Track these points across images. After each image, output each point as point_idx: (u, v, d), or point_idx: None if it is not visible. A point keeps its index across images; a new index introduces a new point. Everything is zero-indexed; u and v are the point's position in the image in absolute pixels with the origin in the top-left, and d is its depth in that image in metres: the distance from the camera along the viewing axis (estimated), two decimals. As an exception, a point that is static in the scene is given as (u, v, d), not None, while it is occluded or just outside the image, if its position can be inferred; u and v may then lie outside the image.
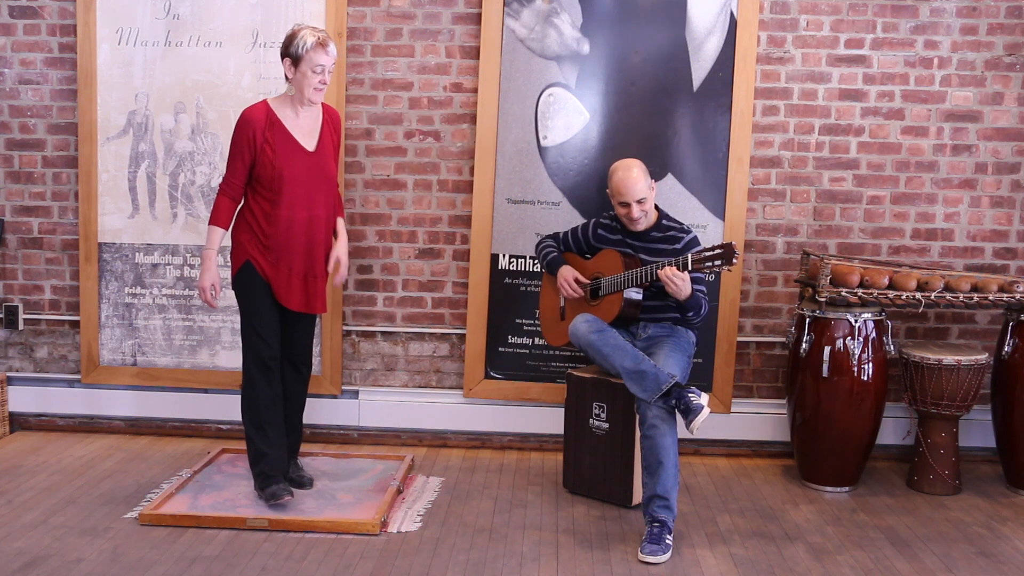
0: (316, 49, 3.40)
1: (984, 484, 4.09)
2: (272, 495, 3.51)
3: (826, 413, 3.89)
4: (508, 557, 3.21)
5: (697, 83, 4.21)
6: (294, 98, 3.52)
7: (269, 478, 3.55)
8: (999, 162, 4.28)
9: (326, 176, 3.58)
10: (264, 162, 3.47)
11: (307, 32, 3.42)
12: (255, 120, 3.47)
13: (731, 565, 3.19)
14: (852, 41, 4.22)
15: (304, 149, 3.52)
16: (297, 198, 3.50)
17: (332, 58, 3.46)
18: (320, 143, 3.57)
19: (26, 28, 4.37)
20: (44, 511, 3.51)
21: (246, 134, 3.46)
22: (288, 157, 3.48)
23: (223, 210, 3.52)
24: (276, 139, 3.48)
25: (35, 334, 4.54)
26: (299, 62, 3.42)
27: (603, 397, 3.73)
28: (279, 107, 3.53)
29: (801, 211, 4.31)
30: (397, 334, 4.45)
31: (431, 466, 4.17)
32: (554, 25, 4.21)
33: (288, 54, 3.44)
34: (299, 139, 3.52)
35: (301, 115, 3.54)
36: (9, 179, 4.46)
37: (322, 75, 3.45)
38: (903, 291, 3.88)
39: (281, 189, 3.47)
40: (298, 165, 3.50)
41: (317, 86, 3.46)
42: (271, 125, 3.48)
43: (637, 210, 3.66)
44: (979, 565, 3.24)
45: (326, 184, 3.59)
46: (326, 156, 3.58)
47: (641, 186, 3.65)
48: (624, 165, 3.71)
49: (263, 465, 3.56)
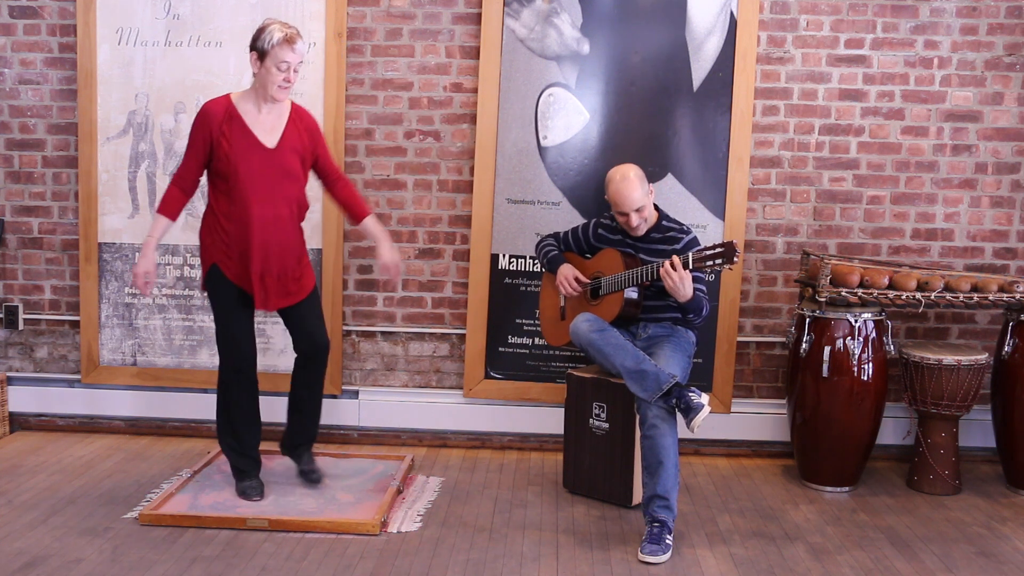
0: (282, 45, 3.32)
1: (984, 484, 4.09)
2: (242, 491, 3.61)
3: (826, 413, 3.89)
4: (508, 557, 3.21)
5: (697, 83, 4.21)
6: (258, 93, 3.44)
7: (242, 473, 3.65)
8: (999, 162, 4.28)
9: (288, 174, 3.48)
10: (219, 156, 3.41)
11: (276, 27, 3.35)
12: (213, 113, 3.41)
13: (731, 565, 3.19)
14: (852, 41, 4.22)
15: (263, 146, 3.44)
16: (256, 196, 3.42)
17: (299, 56, 3.38)
18: (283, 140, 3.47)
19: (26, 28, 4.37)
20: (44, 511, 3.51)
21: (203, 127, 3.41)
22: (244, 153, 3.41)
23: (170, 200, 3.46)
24: (233, 133, 3.40)
25: (35, 334, 4.54)
26: (264, 57, 3.35)
27: (603, 397, 3.73)
28: (241, 101, 3.46)
29: (801, 211, 4.31)
30: (397, 334, 4.45)
31: (431, 466, 4.17)
32: (554, 25, 4.21)
33: (255, 48, 3.37)
34: (258, 135, 3.44)
35: (264, 111, 3.46)
36: (9, 179, 4.46)
37: (287, 72, 3.37)
38: (903, 291, 3.88)
39: (236, 185, 3.40)
40: (254, 161, 3.42)
41: (281, 84, 3.38)
42: (230, 119, 3.41)
43: (636, 218, 3.65)
44: (979, 565, 3.24)
45: (289, 182, 3.49)
46: (288, 154, 3.47)
47: (638, 195, 3.62)
48: (620, 175, 3.67)
49: (236, 463, 3.66)
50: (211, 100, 3.48)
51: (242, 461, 3.65)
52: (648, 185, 3.69)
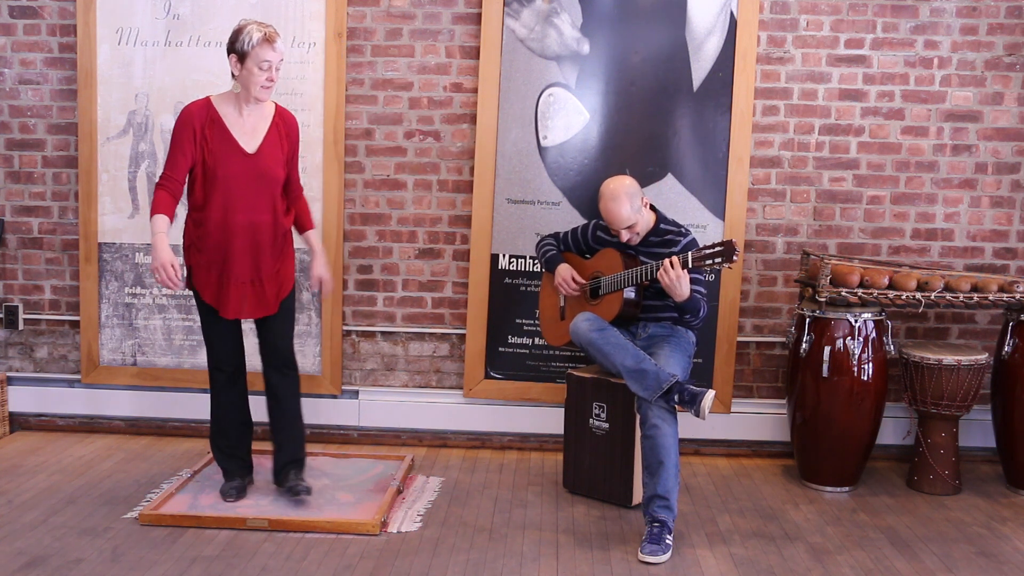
0: (262, 45, 3.29)
1: (984, 484, 4.09)
2: (223, 492, 3.63)
3: (826, 413, 3.89)
4: (508, 557, 3.21)
5: (697, 83, 4.21)
6: (240, 96, 3.41)
7: (227, 473, 3.69)
8: (999, 162, 4.28)
9: (267, 179, 3.42)
10: (197, 160, 3.38)
11: (254, 27, 3.31)
12: (193, 116, 3.38)
13: (731, 565, 3.19)
14: (852, 41, 4.22)
15: (242, 150, 3.40)
16: (234, 201, 3.38)
17: (279, 54, 3.35)
18: (264, 145, 3.43)
19: (26, 28, 4.37)
20: (44, 511, 3.51)
21: (186, 127, 3.37)
22: (223, 157, 3.37)
23: (161, 201, 3.34)
24: (213, 137, 3.37)
25: (35, 334, 4.54)
26: (245, 58, 3.31)
27: (603, 397, 3.73)
28: (222, 104, 3.42)
29: (801, 211, 4.31)
30: (397, 334, 4.45)
31: (431, 466, 4.17)
32: (554, 25, 4.21)
33: (234, 50, 3.33)
34: (238, 139, 3.40)
35: (245, 114, 3.43)
36: (9, 179, 4.46)
37: (269, 72, 3.33)
38: (903, 291, 3.88)
39: (215, 189, 3.37)
40: (234, 166, 3.38)
41: (264, 83, 3.35)
42: (210, 123, 3.38)
43: (626, 234, 3.66)
44: (979, 565, 3.24)
45: (268, 187, 3.43)
46: (268, 159, 3.43)
47: (625, 214, 3.60)
48: (609, 193, 3.63)
49: (220, 461, 3.69)
50: (192, 102, 3.44)
51: (226, 461, 3.66)
52: (641, 196, 3.67)
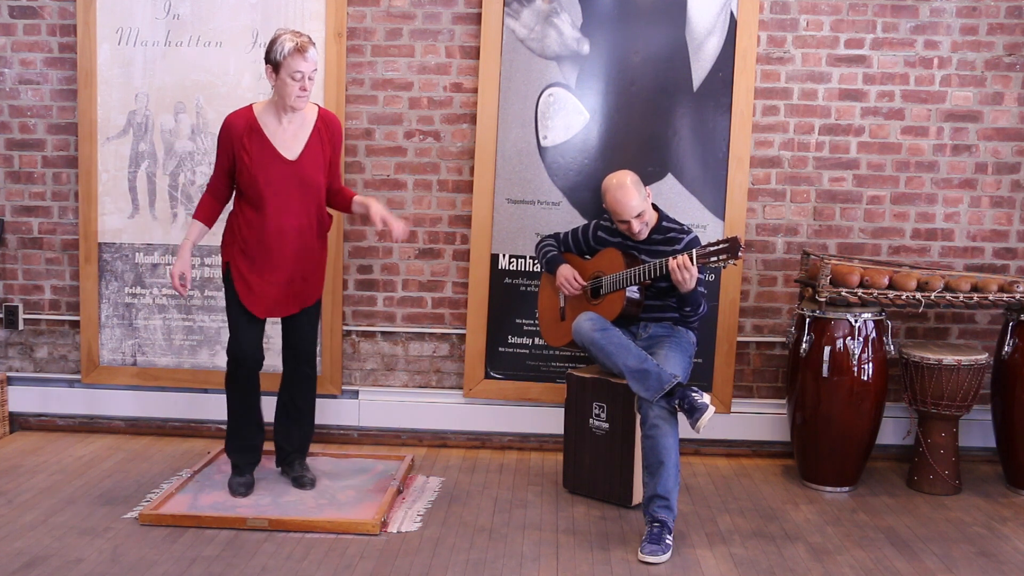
0: (294, 55, 3.34)
1: (984, 484, 4.09)
2: (230, 487, 3.67)
3: (826, 413, 3.89)
4: (508, 557, 3.21)
5: (697, 83, 4.21)
6: (278, 104, 3.48)
7: (236, 468, 3.71)
8: (999, 162, 4.28)
9: (309, 185, 3.52)
10: (240, 168, 3.47)
11: (287, 37, 3.36)
12: (235, 126, 3.47)
13: (731, 565, 3.19)
14: (852, 41, 4.22)
15: (283, 157, 3.48)
16: (277, 206, 3.48)
17: (312, 64, 3.39)
18: (305, 151, 3.51)
19: (26, 28, 4.37)
20: (44, 511, 3.51)
21: (225, 140, 3.49)
22: (264, 165, 3.45)
23: (204, 206, 3.59)
24: (253, 146, 3.45)
25: (35, 334, 4.54)
26: (279, 68, 3.37)
27: (603, 397, 3.73)
28: (263, 113, 3.50)
29: (801, 211, 4.31)
30: (397, 334, 4.45)
31: (431, 466, 4.17)
32: (554, 25, 4.21)
33: (269, 60, 3.39)
34: (278, 147, 3.48)
35: (285, 122, 3.50)
36: (9, 179, 4.46)
37: (302, 81, 3.38)
38: (903, 291, 3.88)
39: (258, 196, 3.46)
40: (275, 173, 3.46)
41: (298, 93, 3.39)
42: (251, 132, 3.46)
43: (637, 224, 3.65)
44: (979, 565, 3.24)
45: (310, 193, 3.53)
46: (309, 165, 3.51)
47: (636, 202, 3.61)
48: (616, 182, 3.65)
49: (232, 454, 3.72)
50: (233, 112, 3.52)
51: (238, 455, 3.69)
52: (645, 188, 3.69)
